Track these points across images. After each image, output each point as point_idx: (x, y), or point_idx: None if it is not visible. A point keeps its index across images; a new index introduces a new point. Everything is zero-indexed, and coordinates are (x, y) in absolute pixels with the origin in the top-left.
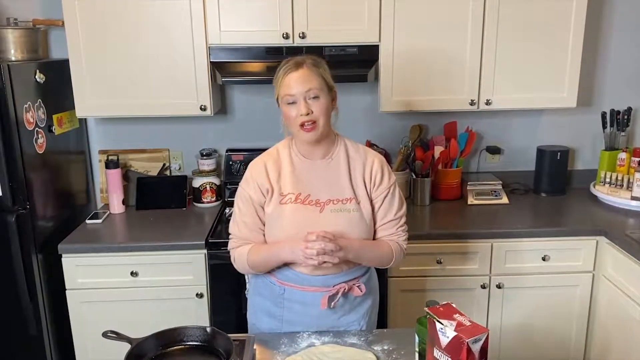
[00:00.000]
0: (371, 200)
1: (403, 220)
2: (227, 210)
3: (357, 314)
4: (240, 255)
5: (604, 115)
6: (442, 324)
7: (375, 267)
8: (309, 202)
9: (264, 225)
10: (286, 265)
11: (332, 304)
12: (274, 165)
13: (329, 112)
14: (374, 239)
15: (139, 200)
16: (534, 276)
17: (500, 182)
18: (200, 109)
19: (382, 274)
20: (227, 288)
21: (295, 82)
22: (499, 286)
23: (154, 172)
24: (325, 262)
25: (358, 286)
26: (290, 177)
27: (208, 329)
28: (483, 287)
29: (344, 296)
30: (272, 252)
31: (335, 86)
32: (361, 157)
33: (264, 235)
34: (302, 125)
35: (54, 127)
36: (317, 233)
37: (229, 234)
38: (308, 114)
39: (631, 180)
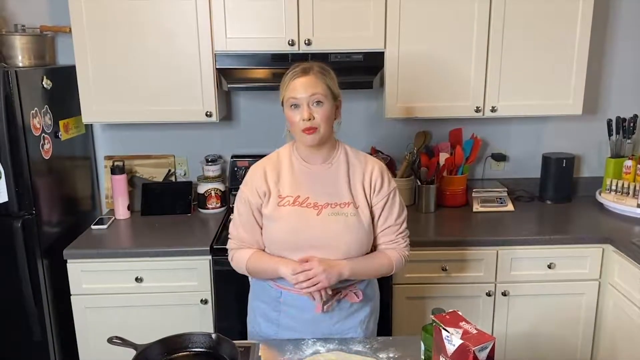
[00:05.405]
0: (371, 207)
1: (404, 226)
2: (231, 217)
3: (353, 321)
4: (240, 258)
5: (609, 122)
6: (448, 332)
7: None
8: (307, 204)
9: (261, 228)
10: None
11: (325, 307)
12: (273, 169)
13: (331, 120)
14: (374, 245)
15: (144, 206)
16: (539, 284)
17: (506, 189)
18: (206, 115)
19: (387, 281)
20: (231, 294)
21: (301, 86)
22: (504, 294)
23: (159, 178)
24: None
25: (355, 292)
26: (290, 180)
27: (213, 336)
28: (488, 294)
29: (338, 301)
30: (272, 266)
31: (340, 95)
32: (361, 164)
33: (261, 236)
34: (304, 130)
35: (60, 133)
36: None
37: (229, 233)
38: (310, 120)
39: (637, 188)
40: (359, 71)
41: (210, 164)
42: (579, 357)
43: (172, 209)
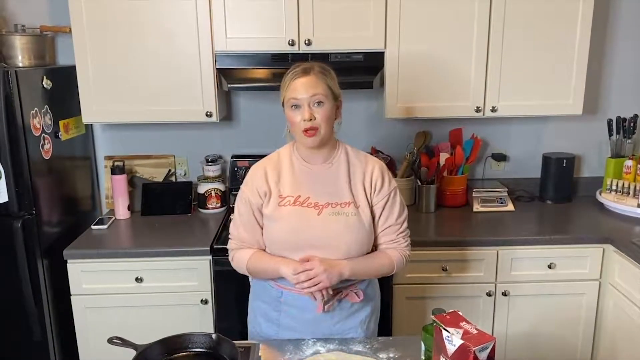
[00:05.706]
0: (372, 207)
1: (404, 225)
2: (231, 217)
3: (354, 321)
4: (240, 258)
5: (610, 122)
6: (449, 332)
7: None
8: (307, 204)
9: (262, 228)
10: None
11: (326, 307)
12: (273, 169)
13: (332, 120)
14: (375, 245)
15: (144, 206)
16: (540, 284)
17: (506, 189)
18: (206, 115)
19: (387, 282)
20: (231, 294)
21: (302, 86)
22: (504, 294)
23: (159, 178)
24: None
25: (355, 292)
26: (290, 180)
27: (213, 336)
28: (489, 294)
29: (339, 301)
30: (273, 266)
31: (341, 95)
32: (361, 164)
33: (261, 236)
34: (304, 131)
35: (60, 133)
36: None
37: (229, 233)
38: (311, 120)
39: (637, 188)
40: (359, 71)
41: (210, 164)
42: (579, 357)
43: (172, 209)
